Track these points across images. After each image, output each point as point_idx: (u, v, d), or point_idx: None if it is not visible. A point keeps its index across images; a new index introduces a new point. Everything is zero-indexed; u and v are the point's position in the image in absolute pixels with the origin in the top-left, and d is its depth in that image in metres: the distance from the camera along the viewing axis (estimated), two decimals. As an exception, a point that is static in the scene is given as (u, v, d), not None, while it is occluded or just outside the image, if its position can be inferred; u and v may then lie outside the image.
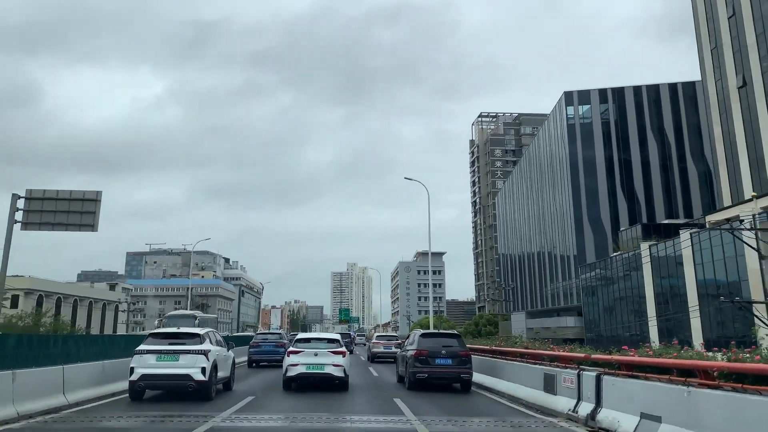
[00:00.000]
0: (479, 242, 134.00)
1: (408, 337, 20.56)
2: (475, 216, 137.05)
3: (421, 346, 16.78)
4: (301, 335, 17.79)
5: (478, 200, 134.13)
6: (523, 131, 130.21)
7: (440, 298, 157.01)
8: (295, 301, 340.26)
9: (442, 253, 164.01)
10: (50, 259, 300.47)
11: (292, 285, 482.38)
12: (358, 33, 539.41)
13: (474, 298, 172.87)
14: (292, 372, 15.71)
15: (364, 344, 51.08)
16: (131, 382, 12.95)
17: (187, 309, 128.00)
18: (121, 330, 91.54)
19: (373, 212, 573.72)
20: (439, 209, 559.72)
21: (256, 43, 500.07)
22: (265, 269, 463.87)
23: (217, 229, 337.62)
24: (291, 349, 16.30)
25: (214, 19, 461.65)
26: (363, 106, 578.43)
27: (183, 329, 14.73)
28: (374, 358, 31.38)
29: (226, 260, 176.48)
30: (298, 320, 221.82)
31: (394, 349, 28.26)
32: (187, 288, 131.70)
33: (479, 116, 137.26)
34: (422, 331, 18.67)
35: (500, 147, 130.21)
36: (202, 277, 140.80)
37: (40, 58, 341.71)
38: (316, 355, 15.82)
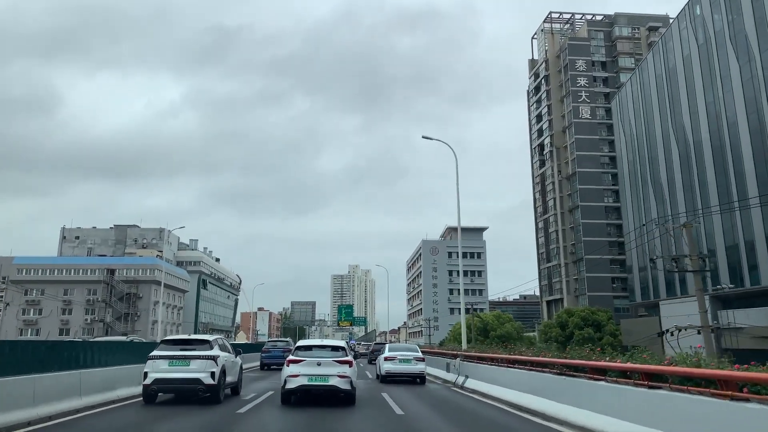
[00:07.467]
0: (548, 205, 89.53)
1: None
2: (541, 165, 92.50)
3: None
4: (301, 342, 15.33)
5: (548, 141, 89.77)
6: (617, 33, 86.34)
7: (481, 291, 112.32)
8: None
9: (482, 229, 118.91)
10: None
11: (298, 291, 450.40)
12: (377, 40, 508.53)
13: (503, 297, 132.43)
14: (292, 384, 13.60)
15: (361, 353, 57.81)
16: (145, 386, 13.35)
17: (108, 300, 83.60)
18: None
19: (384, 219, 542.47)
20: (452, 217, 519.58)
21: (276, 49, 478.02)
22: (271, 275, 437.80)
23: (226, 235, 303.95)
24: (290, 357, 14.09)
25: (236, 26, 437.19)
26: (378, 114, 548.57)
27: (193, 336, 15.50)
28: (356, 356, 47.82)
29: (196, 245, 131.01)
30: (282, 323, 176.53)
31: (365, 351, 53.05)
32: (107, 270, 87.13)
33: (546, 19, 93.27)
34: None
35: (584, 57, 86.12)
36: (140, 257, 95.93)
37: (59, 65, 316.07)
38: (319, 364, 13.68)
